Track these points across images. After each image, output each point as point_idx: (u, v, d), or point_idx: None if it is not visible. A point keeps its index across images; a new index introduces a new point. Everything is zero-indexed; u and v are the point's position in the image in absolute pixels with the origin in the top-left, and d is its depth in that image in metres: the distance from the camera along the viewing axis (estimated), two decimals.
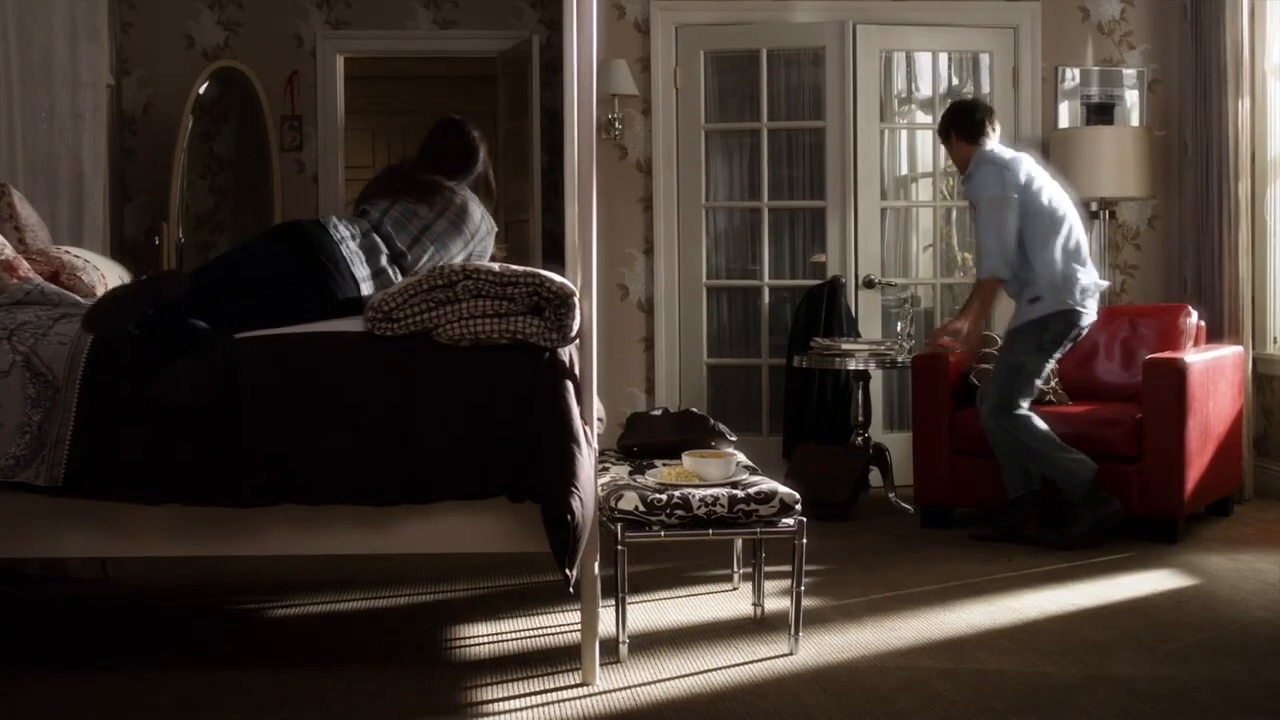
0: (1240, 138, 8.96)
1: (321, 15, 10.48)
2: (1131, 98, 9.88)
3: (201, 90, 10.04)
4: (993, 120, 7.93)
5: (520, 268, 5.50)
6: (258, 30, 10.38)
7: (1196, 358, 7.86)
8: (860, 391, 8.86)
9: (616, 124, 9.54)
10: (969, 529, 7.97)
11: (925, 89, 9.96)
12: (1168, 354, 7.97)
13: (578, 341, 5.45)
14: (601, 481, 5.80)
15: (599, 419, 5.99)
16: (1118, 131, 9.52)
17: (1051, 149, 9.51)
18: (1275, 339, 9.02)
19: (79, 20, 7.77)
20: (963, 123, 7.92)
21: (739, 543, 6.71)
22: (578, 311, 5.38)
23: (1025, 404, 7.68)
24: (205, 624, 6.18)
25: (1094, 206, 9.57)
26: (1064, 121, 9.81)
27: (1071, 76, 9.85)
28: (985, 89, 9.86)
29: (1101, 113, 9.81)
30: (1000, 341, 8.06)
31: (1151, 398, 7.72)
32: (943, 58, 9.93)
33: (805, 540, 5.59)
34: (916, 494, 8.34)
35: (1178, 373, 7.68)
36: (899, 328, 9.28)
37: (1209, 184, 9.13)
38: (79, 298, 5.90)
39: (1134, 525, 7.72)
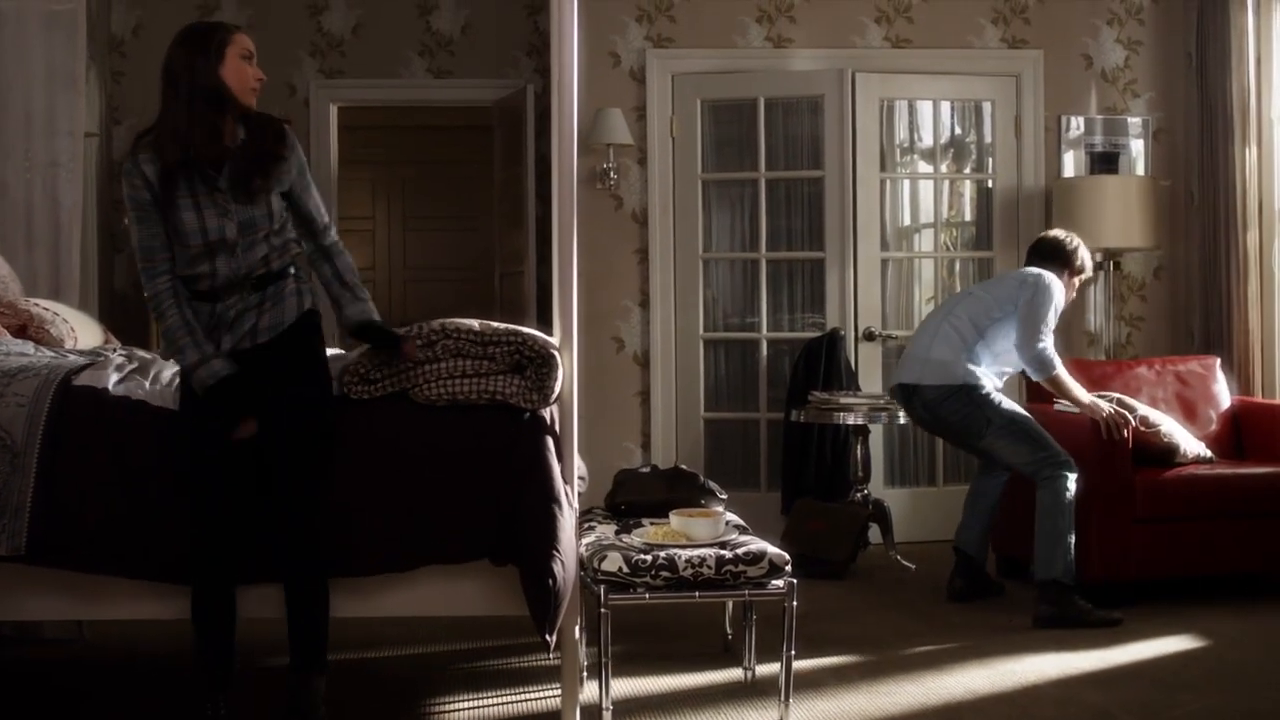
0: (1247, 187, 8.81)
1: (315, 64, 10.35)
2: (1136, 146, 9.73)
3: None
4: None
5: (503, 325, 5.36)
6: None
7: None
8: (860, 446, 8.68)
9: (611, 174, 9.39)
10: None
11: (927, 138, 9.80)
12: None
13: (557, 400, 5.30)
14: (586, 541, 5.63)
15: (581, 478, 5.83)
16: (1122, 181, 9.36)
17: (1055, 198, 9.35)
18: None
19: (57, 68, 7.64)
20: None
21: (730, 603, 6.51)
22: (560, 372, 5.24)
23: None
24: (182, 688, 5.98)
25: (1099, 257, 9.39)
26: (1068, 171, 9.65)
27: (1075, 125, 9.70)
28: (988, 138, 9.70)
29: (1106, 162, 9.65)
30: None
31: None
32: (945, 106, 9.77)
33: (795, 603, 5.39)
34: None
35: None
36: None
37: (1216, 234, 8.97)
38: (36, 354, 5.71)
39: None
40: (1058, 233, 7.81)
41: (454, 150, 14.26)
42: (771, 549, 5.41)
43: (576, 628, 5.26)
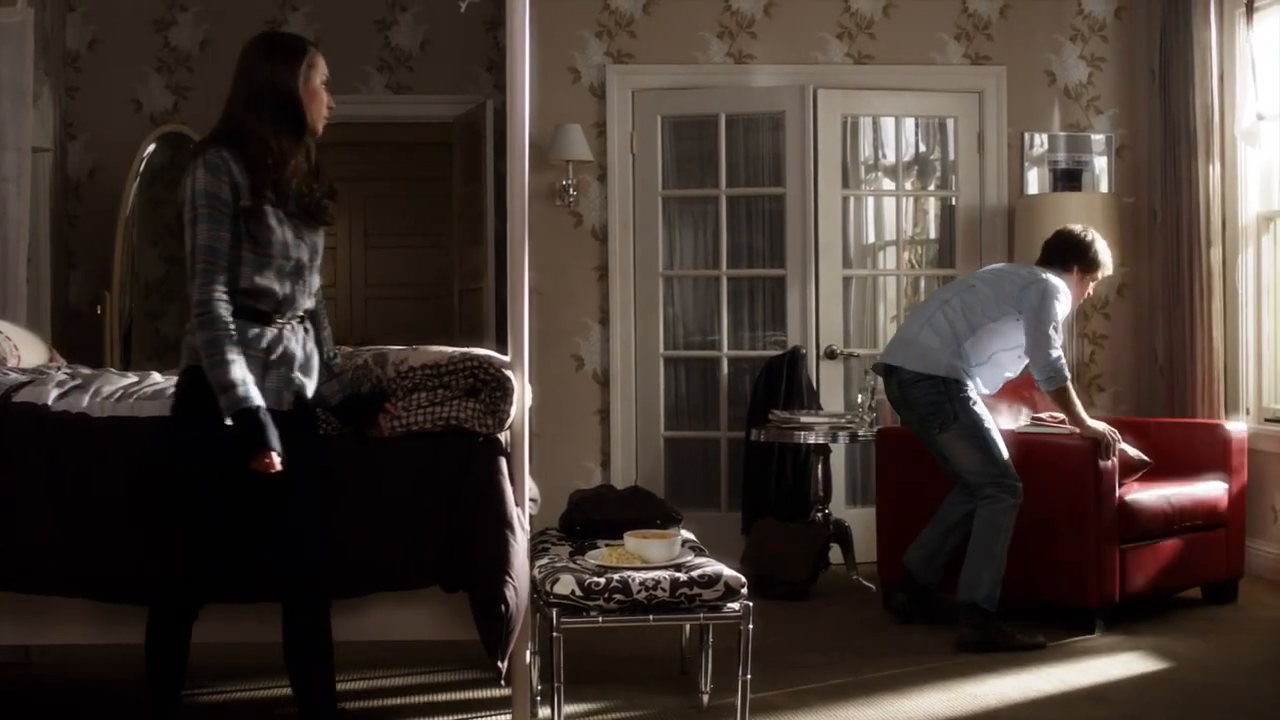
0: (1211, 204, 8.75)
1: None
2: (1100, 163, 9.67)
3: (148, 155, 9.80)
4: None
5: (458, 351, 5.30)
6: (207, 94, 10.09)
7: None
8: (820, 466, 8.59)
9: (571, 190, 9.30)
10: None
11: (891, 155, 9.73)
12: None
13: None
14: (540, 563, 5.55)
15: (533, 499, 5.75)
16: (1085, 198, 9.30)
17: (1018, 215, 9.30)
18: (1248, 410, 8.77)
19: (4, 82, 7.53)
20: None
21: (687, 626, 6.42)
22: (514, 397, 5.16)
23: None
24: (127, 713, 5.86)
25: None
26: (1031, 188, 9.59)
27: (1039, 142, 9.65)
28: (951, 155, 9.64)
29: (1069, 179, 9.60)
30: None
31: None
32: (908, 123, 9.71)
33: (751, 626, 5.31)
34: (880, 573, 8.00)
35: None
36: (860, 400, 9.02)
37: (1179, 251, 8.91)
38: None
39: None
40: (1074, 227, 7.68)
41: (415, 167, 14.15)
42: (728, 571, 5.33)
43: (528, 652, 5.17)
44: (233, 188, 4.59)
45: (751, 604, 5.32)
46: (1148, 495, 7.52)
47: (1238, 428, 8.15)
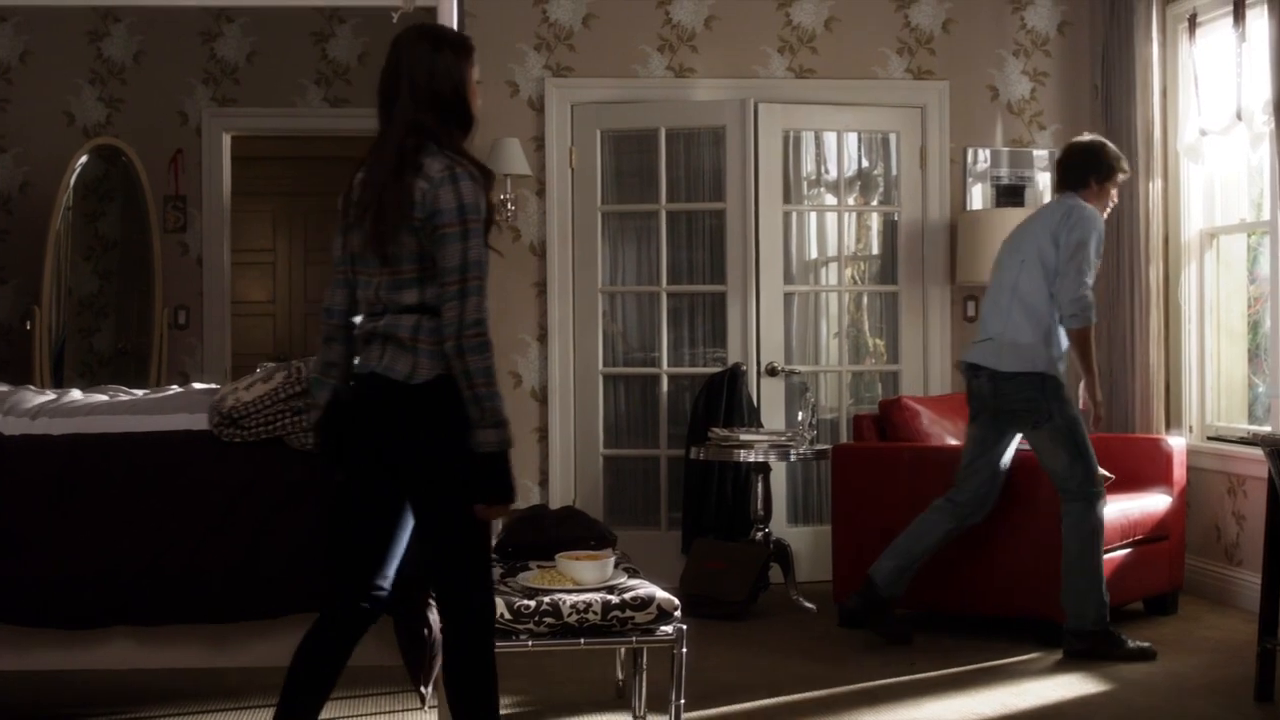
0: (1152, 220, 8.71)
1: (208, 92, 10.11)
2: (1043, 179, 9.61)
3: (81, 169, 9.67)
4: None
5: None
6: (141, 107, 10.00)
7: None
8: (761, 484, 8.49)
9: (509, 205, 9.19)
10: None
11: (833, 170, 9.65)
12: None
13: None
14: None
15: None
16: (1028, 214, 9.19)
17: (960, 231, 9.24)
18: (1191, 428, 8.72)
19: None
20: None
21: (621, 648, 6.31)
22: None
23: None
24: None
25: None
26: (974, 203, 9.52)
27: (982, 157, 9.58)
28: (893, 170, 9.57)
29: (1012, 194, 9.53)
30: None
31: None
32: (851, 138, 9.63)
33: (685, 649, 5.21)
34: (836, 592, 7.94)
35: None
36: (800, 417, 8.93)
37: (1120, 268, 8.85)
38: None
39: None
40: (1079, 139, 7.59)
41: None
42: (661, 593, 5.23)
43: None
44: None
45: (685, 627, 5.23)
46: (1106, 509, 7.45)
47: (1178, 442, 8.13)
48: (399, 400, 4.39)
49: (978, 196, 9.57)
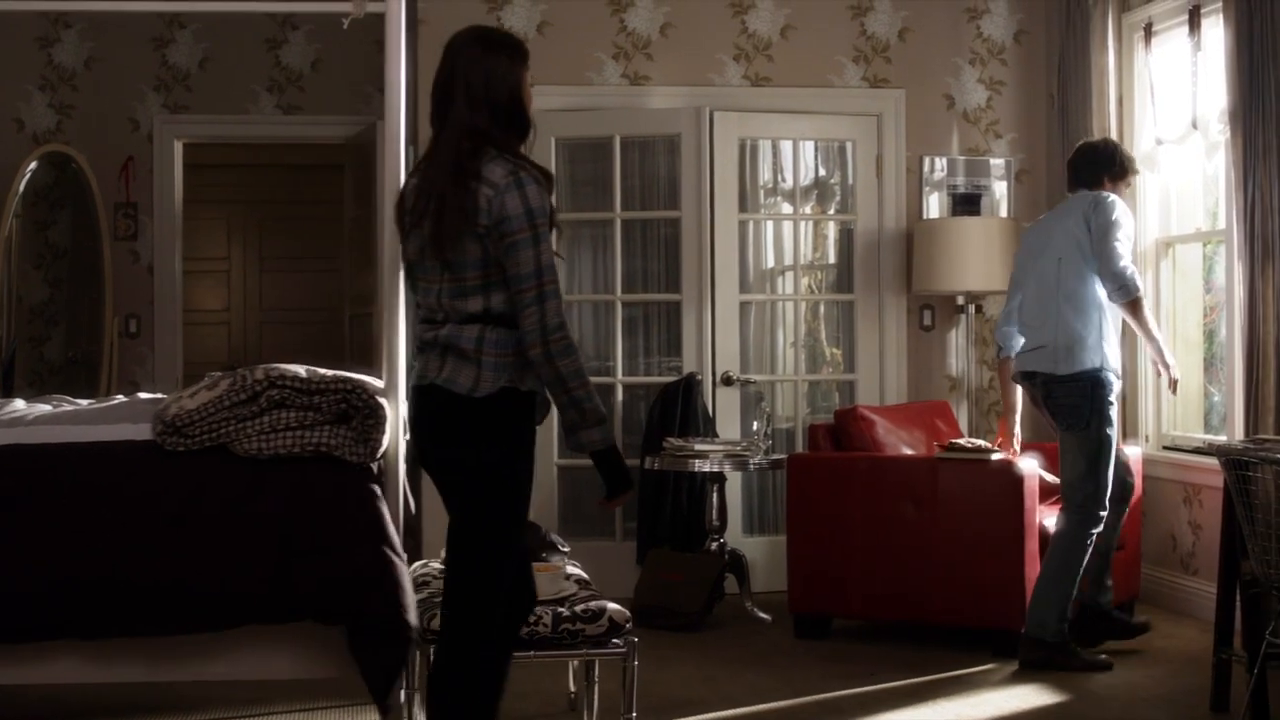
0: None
1: (159, 98, 10.02)
2: (999, 188, 9.59)
3: (31, 176, 9.58)
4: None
5: (331, 372, 5.12)
6: (92, 114, 9.91)
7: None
8: (716, 494, 8.44)
9: None
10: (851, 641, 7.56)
11: (789, 178, 9.59)
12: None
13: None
14: (420, 597, 5.35)
15: (410, 532, 5.56)
16: (984, 223, 9.20)
17: (916, 240, 9.21)
18: (1147, 437, 8.70)
19: None
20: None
21: (573, 661, 6.25)
22: (387, 424, 4.99)
23: None
24: None
25: (960, 300, 9.25)
26: (930, 212, 9.49)
27: (939, 166, 9.55)
28: (850, 179, 9.53)
29: (968, 203, 9.49)
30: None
31: None
32: (807, 146, 9.59)
33: (638, 662, 5.15)
34: (791, 603, 7.90)
35: None
36: (755, 427, 8.89)
37: None
38: None
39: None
40: (1091, 140, 7.59)
41: (309, 189, 13.94)
42: (612, 606, 5.18)
43: (402, 691, 4.99)
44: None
45: (637, 639, 5.18)
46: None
47: (1134, 451, 8.11)
48: (460, 414, 4.38)
49: (934, 205, 9.53)
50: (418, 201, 4.43)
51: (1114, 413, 7.16)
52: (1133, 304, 7.10)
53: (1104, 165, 7.37)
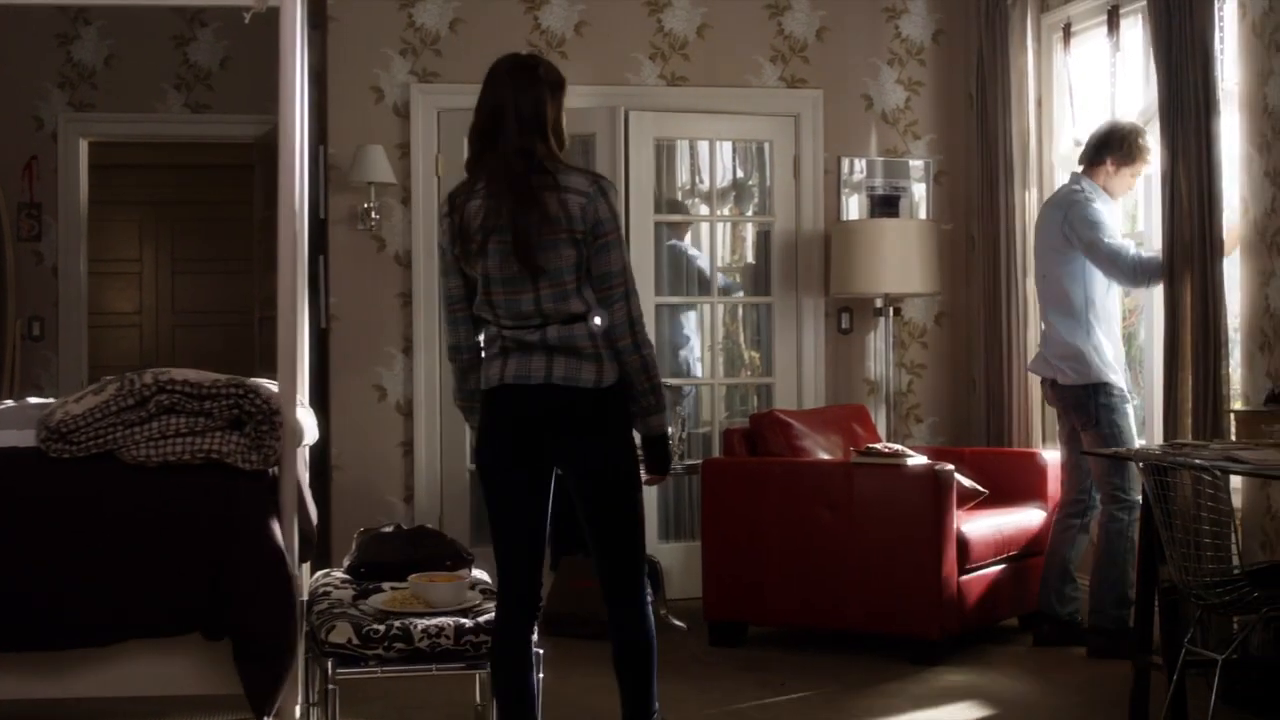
0: (1028, 231, 8.60)
1: (64, 96, 9.83)
2: (918, 190, 9.49)
3: None
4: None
5: (225, 377, 4.96)
6: None
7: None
8: None
9: (373, 214, 8.94)
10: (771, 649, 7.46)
11: (707, 179, 9.47)
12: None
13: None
14: (318, 608, 5.20)
15: (308, 540, 5.41)
16: (902, 225, 9.10)
17: (834, 242, 9.09)
18: None
19: None
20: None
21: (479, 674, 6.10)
22: (281, 431, 4.83)
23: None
24: None
25: (878, 303, 9.15)
26: (850, 213, 9.38)
27: (857, 168, 9.45)
28: (768, 180, 9.41)
29: (887, 205, 9.38)
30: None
31: None
32: (725, 147, 9.48)
33: (542, 674, 5.01)
34: (706, 610, 7.80)
35: None
36: (670, 431, 8.74)
37: (997, 279, 8.75)
38: None
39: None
40: (1117, 120, 7.61)
41: (221, 190, 13.71)
42: None
43: (298, 706, 4.83)
44: None
45: (542, 651, 5.03)
46: (980, 524, 7.52)
47: (1052, 456, 8.06)
48: (591, 404, 4.75)
49: (853, 207, 9.43)
50: (485, 220, 4.70)
51: (1126, 407, 7.41)
52: (1154, 282, 7.32)
53: (1113, 146, 7.48)
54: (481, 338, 4.90)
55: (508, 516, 4.91)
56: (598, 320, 4.73)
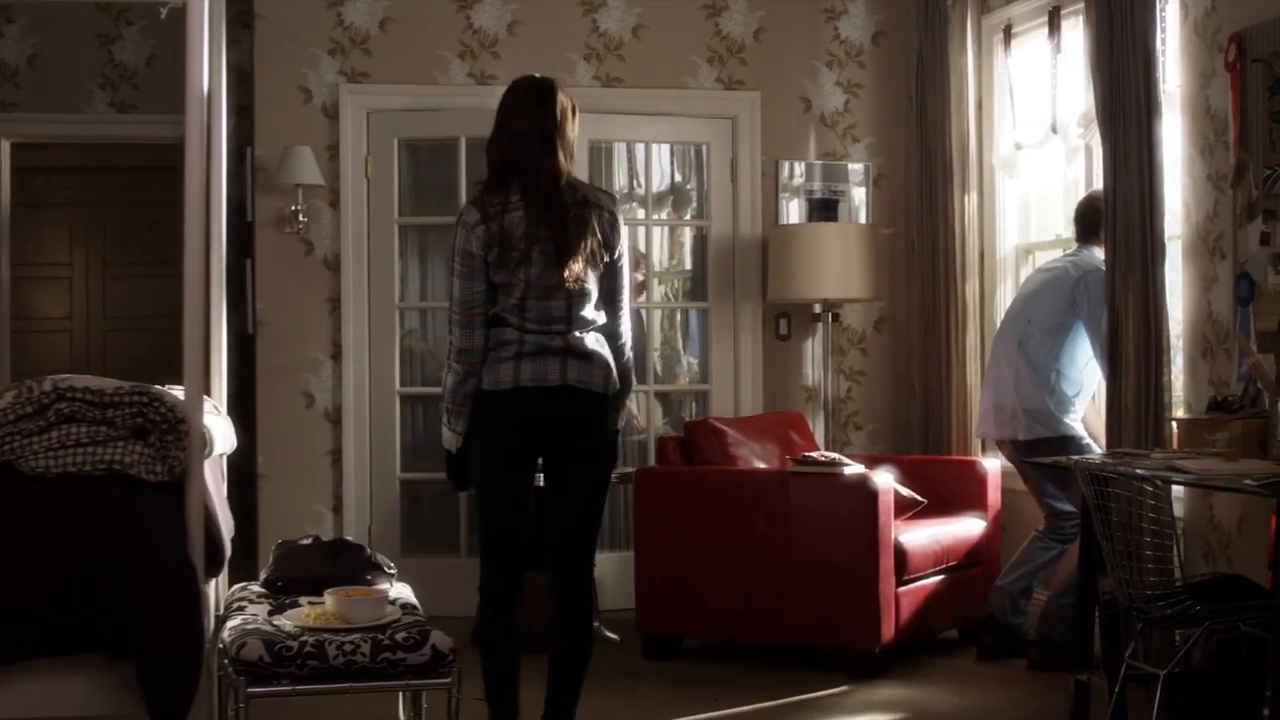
0: (968, 235, 8.50)
1: None
2: (858, 194, 9.36)
3: None
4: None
5: (128, 384, 4.76)
6: None
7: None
8: None
9: (301, 216, 8.75)
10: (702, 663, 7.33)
11: (643, 182, 9.31)
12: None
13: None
14: (231, 624, 5.03)
15: (218, 554, 5.22)
16: (841, 229, 8.96)
17: (771, 246, 8.95)
18: None
19: None
20: None
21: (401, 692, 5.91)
22: (187, 440, 4.65)
23: None
24: None
25: (817, 309, 9.00)
26: (788, 217, 9.24)
27: (796, 171, 9.31)
28: (706, 183, 9.26)
29: (825, 209, 9.23)
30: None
31: None
32: (662, 149, 9.33)
33: (460, 695, 4.84)
34: (639, 621, 7.66)
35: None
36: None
37: (936, 284, 8.63)
38: None
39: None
40: (1098, 191, 7.34)
41: (150, 192, 13.46)
42: (438, 634, 4.88)
43: None
44: None
45: (462, 670, 4.86)
46: (918, 534, 7.40)
47: (993, 464, 7.94)
48: (600, 407, 5.25)
49: (791, 211, 9.29)
50: (528, 229, 5.04)
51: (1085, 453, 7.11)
52: None
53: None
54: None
55: (507, 514, 5.31)
56: (607, 328, 5.24)
